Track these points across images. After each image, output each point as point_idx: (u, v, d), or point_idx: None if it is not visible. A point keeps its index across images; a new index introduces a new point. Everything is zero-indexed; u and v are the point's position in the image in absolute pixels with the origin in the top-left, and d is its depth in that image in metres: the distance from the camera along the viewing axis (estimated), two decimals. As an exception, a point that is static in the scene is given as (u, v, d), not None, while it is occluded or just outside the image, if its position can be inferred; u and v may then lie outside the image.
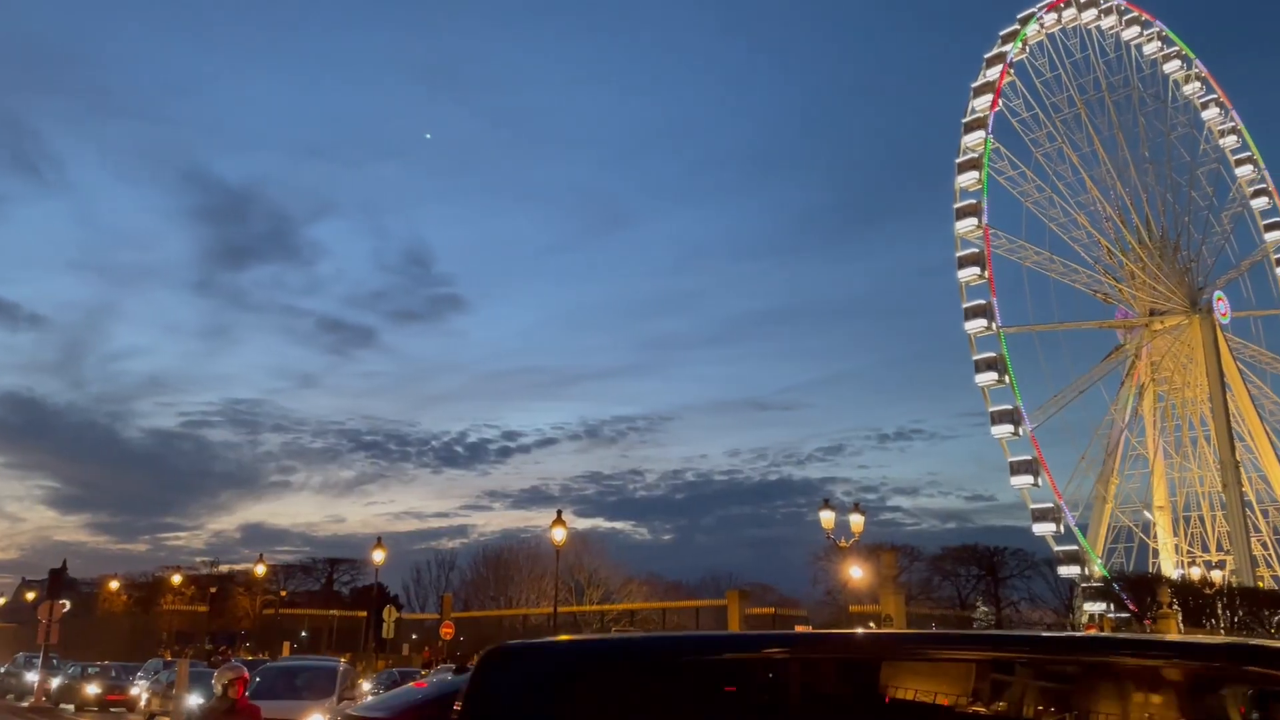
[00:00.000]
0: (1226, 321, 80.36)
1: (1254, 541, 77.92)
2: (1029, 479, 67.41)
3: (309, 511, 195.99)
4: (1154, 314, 79.30)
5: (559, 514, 38.74)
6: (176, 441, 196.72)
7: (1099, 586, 65.38)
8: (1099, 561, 71.37)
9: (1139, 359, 79.61)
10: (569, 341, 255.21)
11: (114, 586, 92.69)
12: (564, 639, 6.41)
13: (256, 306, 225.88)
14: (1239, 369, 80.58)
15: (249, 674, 10.44)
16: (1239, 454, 77.91)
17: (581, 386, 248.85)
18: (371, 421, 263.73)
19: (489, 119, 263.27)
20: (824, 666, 5.81)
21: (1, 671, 47.94)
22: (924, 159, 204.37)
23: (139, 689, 38.46)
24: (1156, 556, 77.91)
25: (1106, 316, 79.16)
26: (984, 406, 70.00)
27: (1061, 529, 67.79)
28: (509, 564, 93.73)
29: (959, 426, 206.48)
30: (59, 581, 42.12)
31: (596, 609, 74.34)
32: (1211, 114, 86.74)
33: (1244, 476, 78.29)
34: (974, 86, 76.13)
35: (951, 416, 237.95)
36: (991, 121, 73.65)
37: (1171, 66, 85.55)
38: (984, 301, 69.25)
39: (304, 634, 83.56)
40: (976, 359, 69.05)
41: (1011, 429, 67.48)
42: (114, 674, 41.63)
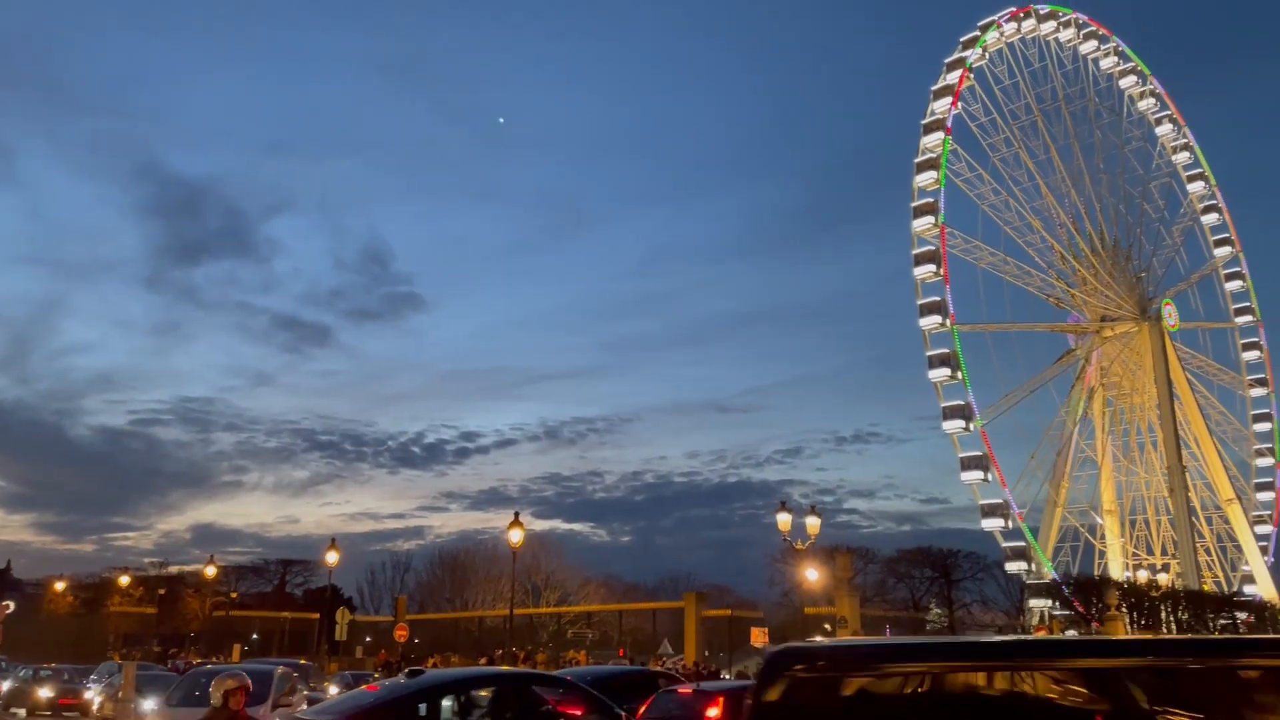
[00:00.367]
0: (1175, 330, 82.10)
1: (1199, 547, 79.69)
2: (979, 474, 68.52)
3: (262, 512, 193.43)
4: (1105, 320, 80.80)
5: (516, 515, 38.53)
6: (126, 440, 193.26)
7: (1046, 585, 66.43)
8: (1049, 563, 72.49)
9: (1089, 364, 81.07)
10: (529, 342, 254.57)
11: (60, 587, 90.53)
12: (845, 640, 7.07)
13: (210, 303, 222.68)
14: (1187, 378, 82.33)
15: (248, 681, 9.05)
16: (1185, 460, 79.61)
17: (541, 387, 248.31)
18: (327, 421, 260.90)
19: (451, 117, 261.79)
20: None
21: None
22: (887, 166, 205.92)
23: (92, 693, 37.69)
24: (1103, 557, 79.38)
25: (1059, 320, 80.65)
26: (938, 406, 71.07)
27: (1010, 525, 68.97)
28: (465, 566, 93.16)
29: (915, 430, 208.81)
30: (3, 582, 41.37)
31: (553, 611, 74.12)
32: (1165, 130, 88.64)
33: (1190, 483, 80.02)
34: (933, 89, 77.26)
35: (908, 420, 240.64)
36: (950, 124, 74.82)
37: (1127, 82, 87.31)
38: (939, 298, 70.29)
39: (255, 636, 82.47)
40: (930, 354, 70.06)
41: (963, 424, 68.62)
42: (66, 677, 40.65)
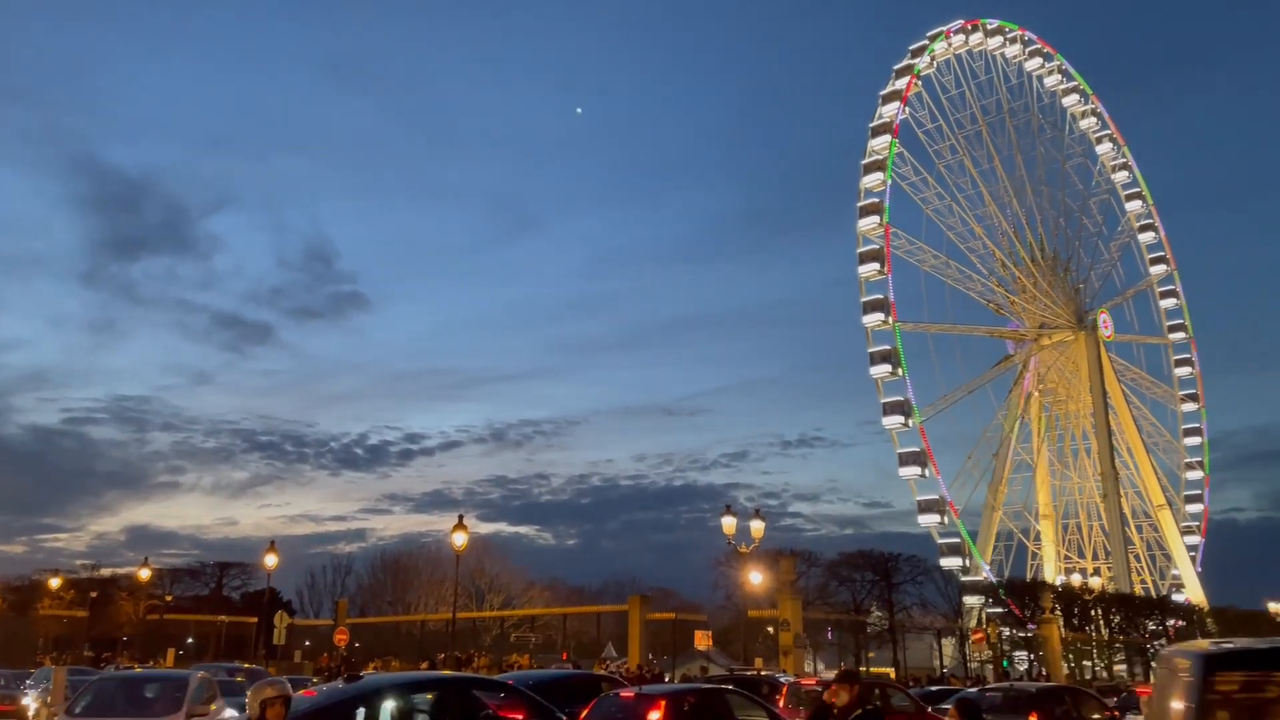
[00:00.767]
0: (1110, 341, 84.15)
1: (1130, 552, 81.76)
2: (917, 470, 69.75)
3: (199, 513, 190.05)
4: (1043, 328, 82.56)
5: (460, 518, 38.17)
6: (58, 439, 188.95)
7: (984, 587, 67.55)
8: (987, 567, 73.78)
9: (1027, 370, 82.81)
10: (476, 343, 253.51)
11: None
12: None
13: (148, 300, 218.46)
14: (1122, 390, 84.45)
15: (288, 690, 8.17)
16: (1118, 467, 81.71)
17: (488, 389, 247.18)
18: (267, 421, 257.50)
19: (398, 115, 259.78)
20: None
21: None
22: (833, 174, 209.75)
23: (29, 699, 36.53)
24: (1036, 558, 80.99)
25: (999, 325, 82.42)
26: (880, 408, 71.99)
27: (945, 521, 70.19)
28: (408, 569, 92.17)
29: (859, 434, 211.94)
30: (-74, 585, 39.78)
31: (496, 614, 73.66)
32: (1105, 149, 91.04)
33: (1122, 489, 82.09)
34: (882, 94, 78.73)
35: (853, 425, 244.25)
36: (897, 128, 76.17)
37: (1070, 100, 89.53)
38: (881, 296, 71.75)
39: (190, 640, 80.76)
40: (872, 351, 71.21)
41: (902, 420, 69.82)
42: (3, 683, 39.34)
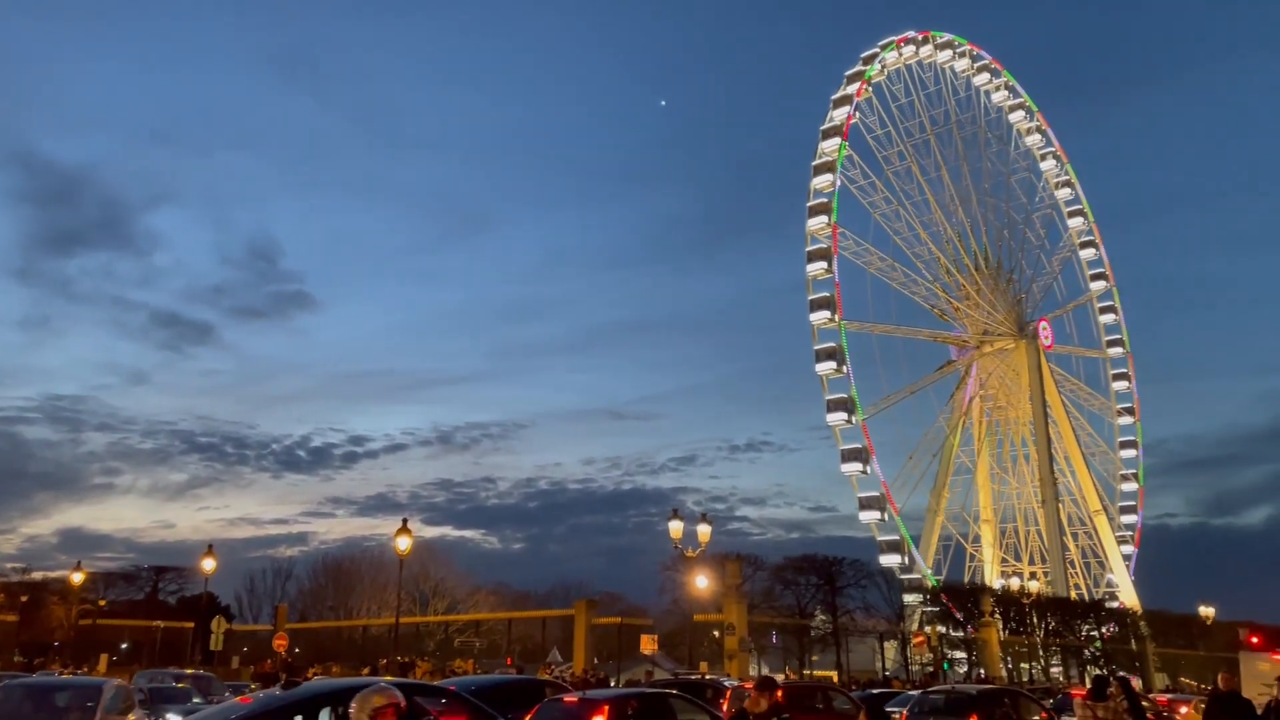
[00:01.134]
0: (1050, 349, 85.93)
1: (1066, 556, 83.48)
2: (858, 466, 70.64)
3: (135, 516, 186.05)
4: (986, 335, 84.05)
5: (405, 522, 37.71)
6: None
7: (926, 592, 68.42)
8: (928, 572, 74.78)
9: (969, 376, 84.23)
10: (423, 345, 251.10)
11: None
12: None
13: (84, 297, 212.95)
14: (1062, 400, 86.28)
15: (399, 697, 7.14)
16: (1056, 474, 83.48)
17: (435, 391, 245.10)
18: (207, 422, 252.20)
19: (345, 113, 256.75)
20: None
21: None
22: (782, 180, 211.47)
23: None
24: (974, 560, 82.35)
25: (942, 330, 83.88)
26: (824, 406, 72.72)
27: (885, 518, 71.12)
28: (350, 573, 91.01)
29: (807, 439, 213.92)
30: None
31: (440, 619, 72.93)
32: (1049, 165, 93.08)
33: (1059, 495, 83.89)
34: (833, 98, 79.94)
35: (800, 430, 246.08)
36: (847, 131, 77.34)
37: (1016, 116, 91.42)
38: (828, 294, 72.80)
39: (125, 646, 78.89)
40: (817, 348, 72.10)
41: (845, 417, 70.73)
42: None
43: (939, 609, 65.30)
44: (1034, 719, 24.70)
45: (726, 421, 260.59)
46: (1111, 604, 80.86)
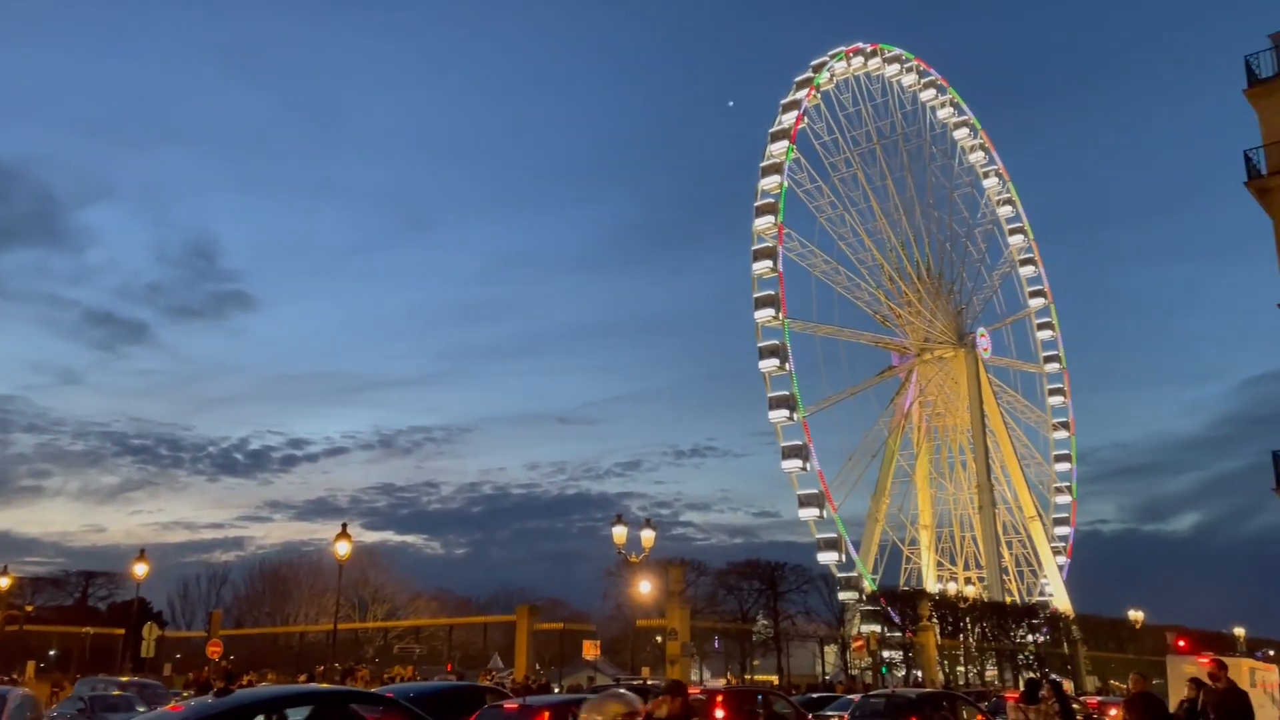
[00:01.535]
0: (987, 356, 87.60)
1: (1002, 562, 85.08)
2: (798, 463, 71.47)
3: (64, 520, 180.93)
4: (927, 342, 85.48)
5: (344, 527, 37.22)
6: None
7: (866, 597, 69.20)
8: (866, 571, 75.68)
9: (909, 382, 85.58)
10: (367, 347, 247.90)
11: None
12: None
13: (13, 294, 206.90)
14: (1000, 412, 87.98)
15: (639, 705, 6.39)
16: (992, 481, 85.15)
17: (378, 394, 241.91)
18: (141, 424, 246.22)
19: (290, 109, 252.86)
20: None
21: None
22: (731, 189, 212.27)
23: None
24: (910, 563, 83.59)
25: (885, 335, 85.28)
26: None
27: (824, 515, 71.96)
28: (288, 579, 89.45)
29: (751, 445, 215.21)
30: None
31: (380, 625, 72.03)
32: (991, 183, 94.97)
33: (995, 501, 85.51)
34: (783, 103, 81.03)
35: (745, 435, 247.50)
36: (795, 134, 78.41)
37: (961, 134, 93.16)
38: (772, 293, 73.89)
39: (53, 653, 76.74)
40: (761, 346, 72.95)
41: (787, 414, 71.58)
42: None
43: (876, 608, 66.28)
44: (970, 722, 25.10)
45: (672, 427, 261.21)
46: (1044, 608, 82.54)
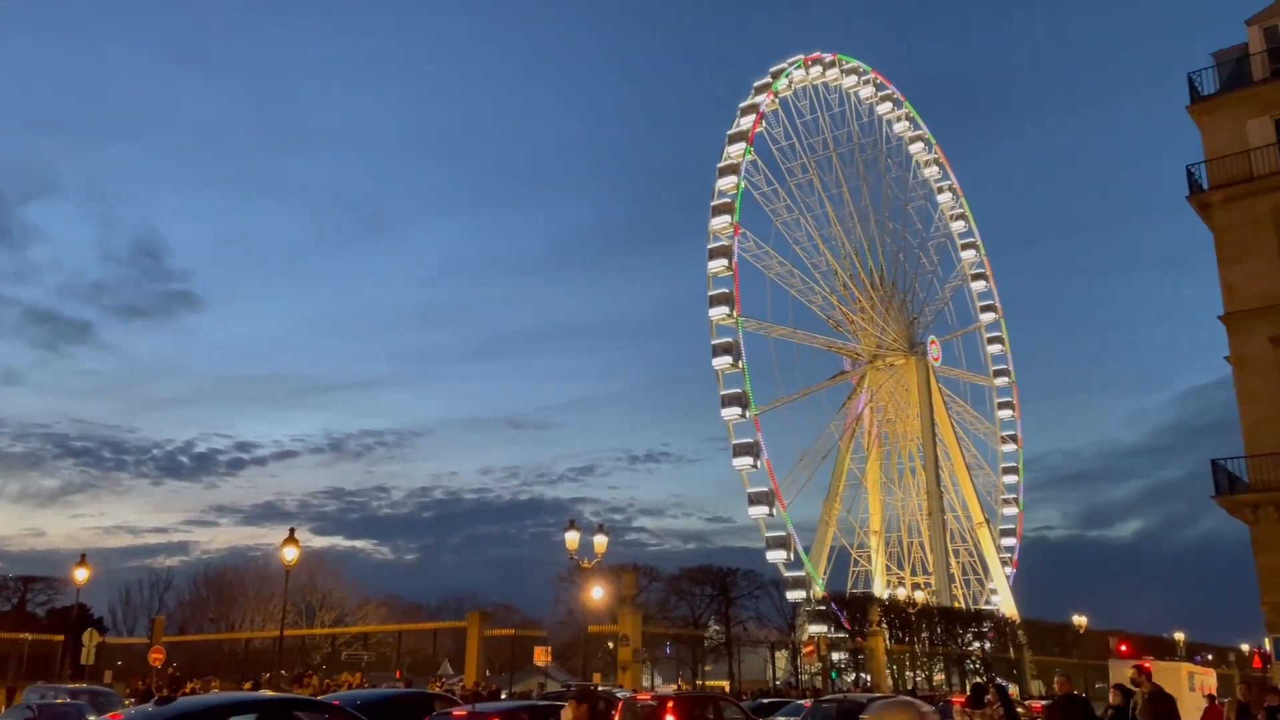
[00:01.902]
0: (939, 364, 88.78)
1: (951, 567, 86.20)
2: (749, 460, 71.89)
3: (2, 523, 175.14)
4: (879, 349, 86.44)
5: (292, 532, 36.66)
6: None
7: (818, 602, 69.70)
8: (815, 572, 76.22)
9: (861, 388, 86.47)
10: (317, 349, 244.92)
11: None
12: None
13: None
14: (951, 422, 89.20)
15: (926, 713, 5.15)
16: (941, 488, 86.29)
17: (327, 397, 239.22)
18: (83, 425, 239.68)
19: (242, 106, 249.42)
20: None
21: None
22: (688, 194, 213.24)
23: None
24: (856, 565, 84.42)
25: (837, 340, 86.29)
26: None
27: (774, 513, 72.43)
28: (233, 584, 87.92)
29: (705, 451, 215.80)
30: None
31: (327, 632, 71.06)
32: (945, 198, 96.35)
33: (944, 507, 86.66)
34: (741, 106, 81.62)
35: (699, 441, 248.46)
36: (752, 137, 79.18)
37: (916, 148, 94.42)
38: (727, 290, 74.34)
39: (-13, 661, 74.67)
40: (715, 343, 73.42)
41: (739, 411, 71.95)
42: None
43: (824, 608, 66.84)
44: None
45: (626, 432, 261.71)
46: (992, 616, 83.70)
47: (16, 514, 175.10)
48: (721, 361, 72.82)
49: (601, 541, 39.91)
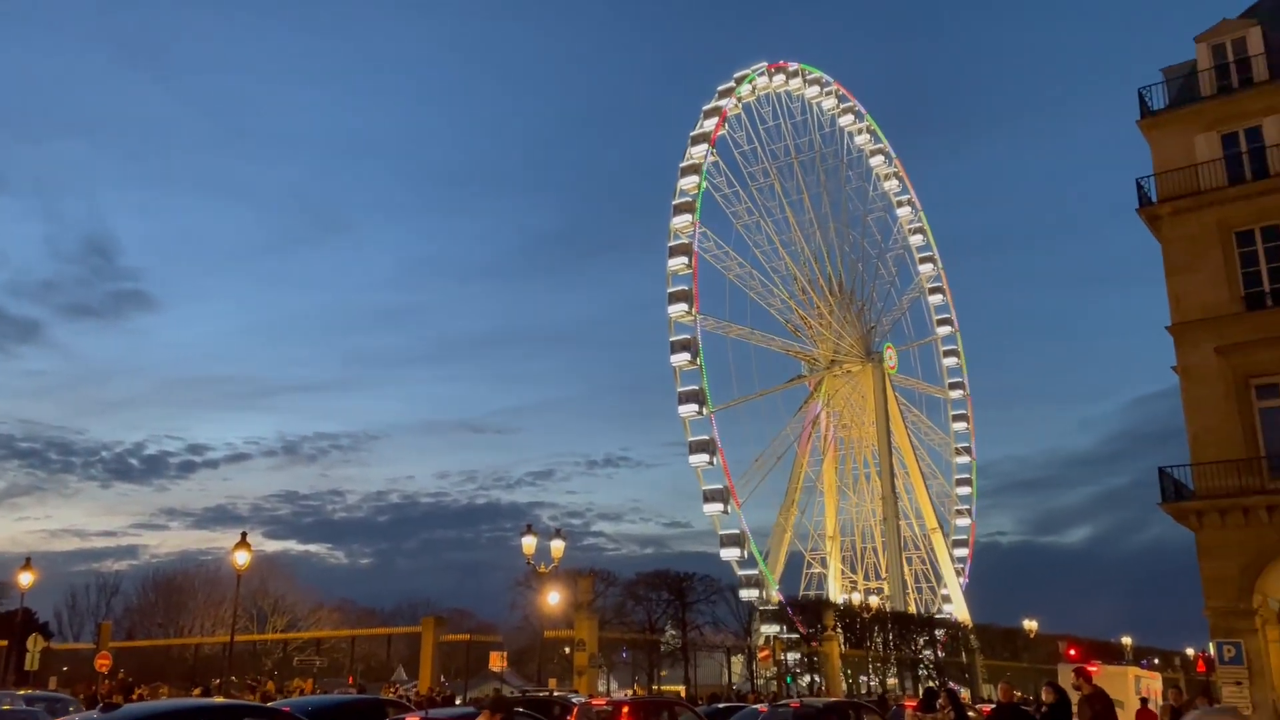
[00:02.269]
0: (895, 373, 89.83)
1: (905, 571, 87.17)
2: (705, 458, 72.39)
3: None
4: (836, 354, 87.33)
5: (244, 536, 36.15)
6: None
7: (773, 606, 70.07)
8: (776, 586, 76.66)
9: (817, 392, 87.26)
10: (271, 350, 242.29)
11: None
12: None
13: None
14: (907, 431, 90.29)
15: None
16: (896, 495, 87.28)
17: (281, 399, 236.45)
18: (29, 426, 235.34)
19: (195, 104, 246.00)
20: None
21: None
22: (647, 199, 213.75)
23: None
24: (810, 568, 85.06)
25: (795, 344, 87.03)
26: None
27: (729, 511, 72.88)
28: (183, 589, 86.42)
29: (663, 456, 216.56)
30: None
31: (279, 637, 70.09)
32: (904, 212, 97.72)
33: (899, 512, 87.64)
34: (705, 108, 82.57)
35: (657, 446, 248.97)
36: (715, 139, 79.95)
37: (876, 160, 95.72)
38: (686, 288, 75.11)
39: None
40: (673, 340, 73.94)
41: (696, 408, 72.40)
42: None
43: (777, 608, 67.29)
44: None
45: (585, 437, 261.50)
46: (946, 623, 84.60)
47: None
48: (680, 358, 73.27)
49: (558, 546, 39.79)
